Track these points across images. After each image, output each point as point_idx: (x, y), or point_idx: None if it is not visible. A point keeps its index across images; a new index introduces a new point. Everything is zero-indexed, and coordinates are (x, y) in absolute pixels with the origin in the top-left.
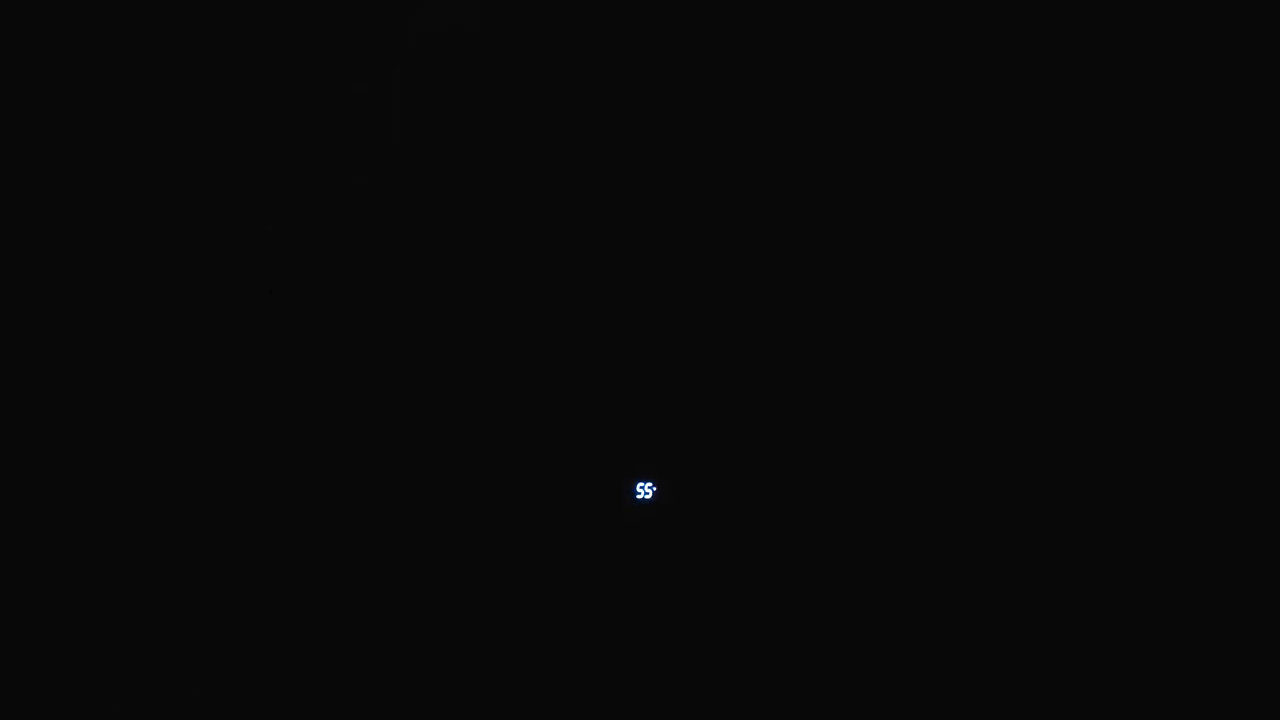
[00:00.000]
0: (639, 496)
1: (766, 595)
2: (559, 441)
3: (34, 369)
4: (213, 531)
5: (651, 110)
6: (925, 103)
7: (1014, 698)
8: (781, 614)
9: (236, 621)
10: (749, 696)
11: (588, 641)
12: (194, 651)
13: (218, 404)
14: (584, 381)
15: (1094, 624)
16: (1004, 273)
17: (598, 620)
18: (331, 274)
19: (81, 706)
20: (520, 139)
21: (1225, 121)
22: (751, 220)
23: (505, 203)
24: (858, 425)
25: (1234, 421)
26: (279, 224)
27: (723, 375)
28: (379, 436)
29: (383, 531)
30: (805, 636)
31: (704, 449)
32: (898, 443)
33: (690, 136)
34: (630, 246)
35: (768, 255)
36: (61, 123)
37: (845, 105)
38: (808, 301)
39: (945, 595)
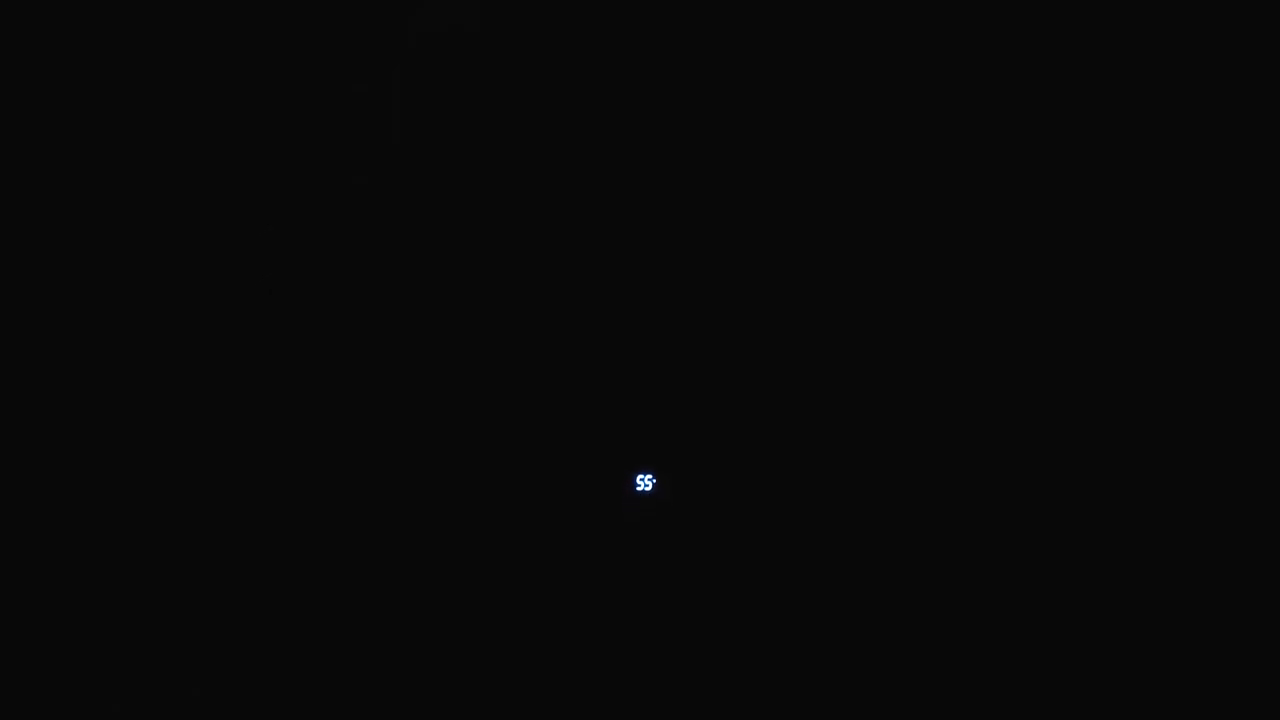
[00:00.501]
0: (639, 488)
1: (766, 587)
2: (559, 434)
3: (34, 369)
4: (213, 531)
5: (651, 109)
6: (925, 103)
7: (1012, 690)
8: (781, 606)
9: (236, 621)
10: (748, 689)
11: (588, 634)
12: (194, 651)
13: (218, 403)
14: (584, 375)
15: (1093, 623)
16: (1001, 267)
17: (598, 612)
18: (331, 274)
19: (81, 706)
20: (520, 139)
21: (1225, 121)
22: (747, 214)
23: (505, 202)
24: (855, 417)
25: (1234, 422)
26: (279, 224)
27: (722, 368)
28: (379, 433)
29: (382, 526)
30: (804, 629)
31: (704, 441)
32: (895, 434)
33: (689, 134)
34: (628, 242)
35: (763, 249)
36: (62, 123)
37: (845, 105)
38: (805, 294)
39: (942, 587)
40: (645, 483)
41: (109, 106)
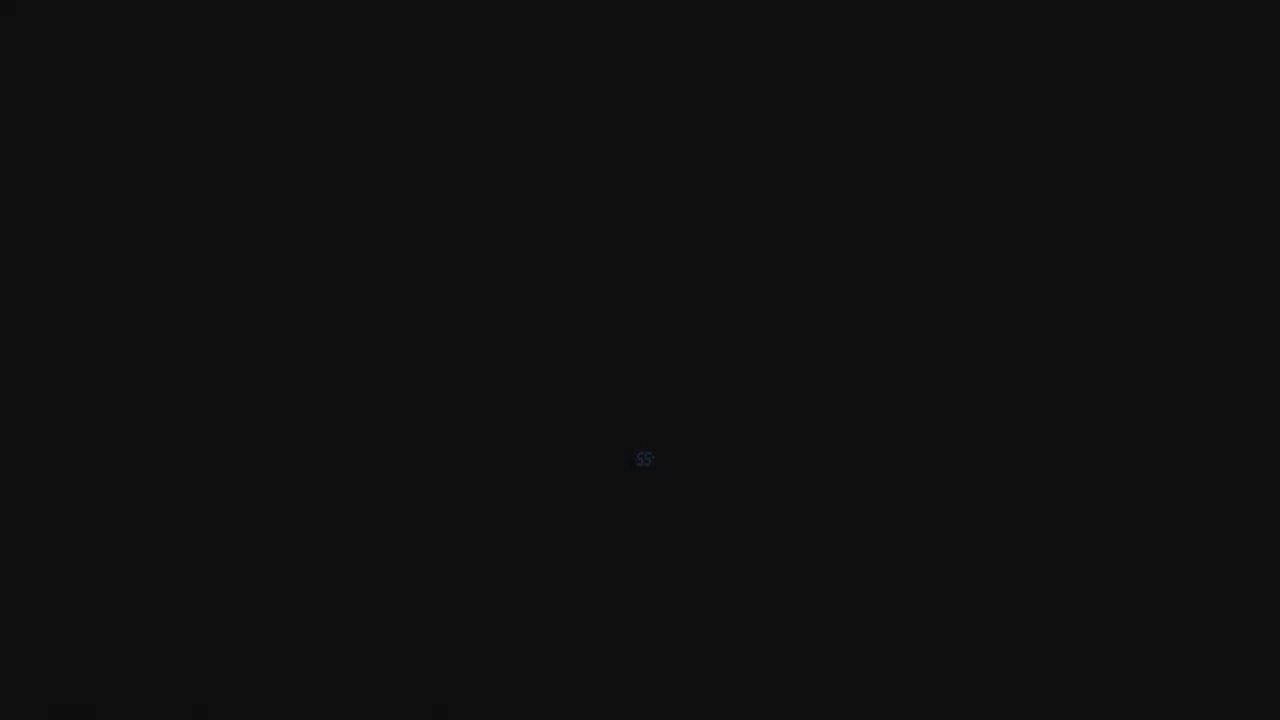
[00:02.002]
0: (638, 464)
1: (765, 564)
2: (559, 411)
3: (34, 369)
4: (213, 530)
5: (650, 108)
6: (925, 103)
7: (1010, 671)
8: (780, 586)
9: (236, 620)
10: (746, 671)
11: (588, 611)
12: (194, 651)
13: (217, 403)
14: (584, 353)
15: (1092, 620)
16: (993, 259)
17: (598, 589)
18: (331, 274)
19: (82, 706)
20: (520, 139)
21: (1225, 122)
22: (743, 200)
23: (504, 197)
24: (853, 397)
25: (1234, 422)
26: (279, 224)
27: (721, 346)
28: (378, 422)
29: (381, 512)
30: (803, 609)
31: (703, 417)
32: (893, 418)
33: (687, 132)
34: (628, 226)
35: (759, 233)
36: (61, 123)
37: (845, 104)
38: (803, 276)
39: (940, 573)
40: (644, 459)
41: (108, 106)
